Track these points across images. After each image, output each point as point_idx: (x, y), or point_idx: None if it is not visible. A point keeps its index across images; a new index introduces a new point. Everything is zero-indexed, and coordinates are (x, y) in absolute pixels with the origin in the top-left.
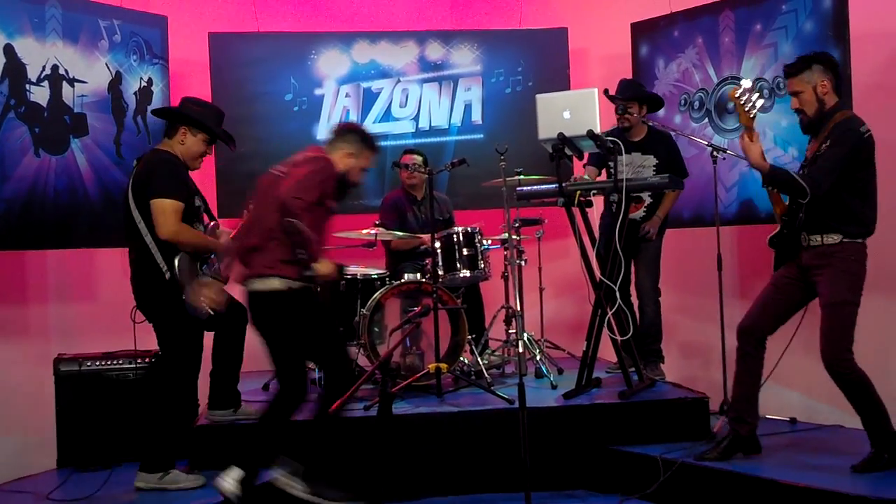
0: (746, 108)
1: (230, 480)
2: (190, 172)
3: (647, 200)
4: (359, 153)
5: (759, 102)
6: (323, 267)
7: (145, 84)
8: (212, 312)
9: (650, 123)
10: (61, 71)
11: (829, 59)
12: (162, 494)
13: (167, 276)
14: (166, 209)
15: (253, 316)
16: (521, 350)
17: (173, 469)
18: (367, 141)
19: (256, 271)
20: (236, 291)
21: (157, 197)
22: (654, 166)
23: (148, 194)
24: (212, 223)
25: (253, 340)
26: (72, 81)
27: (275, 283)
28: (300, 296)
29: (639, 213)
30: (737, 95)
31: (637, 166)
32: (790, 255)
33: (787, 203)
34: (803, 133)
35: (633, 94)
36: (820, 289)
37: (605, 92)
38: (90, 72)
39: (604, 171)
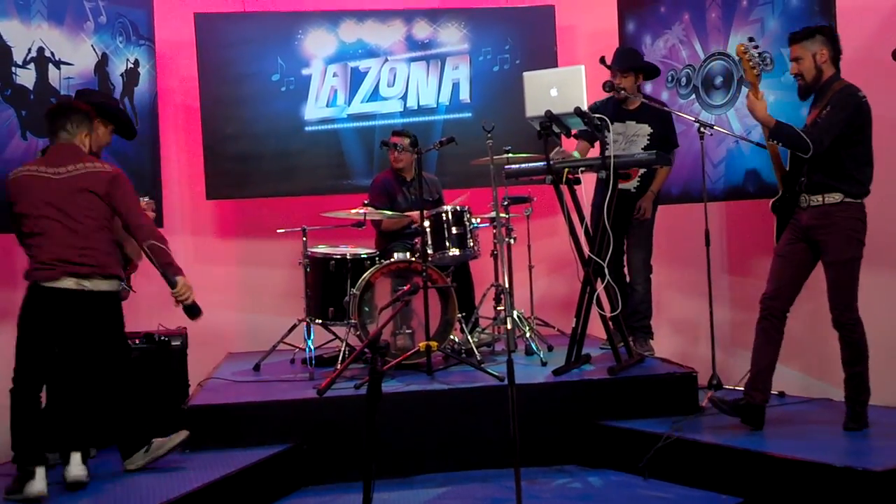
0: (751, 65)
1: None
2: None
3: (642, 170)
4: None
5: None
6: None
7: (132, 65)
8: (133, 291)
9: (645, 100)
10: (47, 53)
11: (831, 32)
12: (155, 468)
13: None
14: None
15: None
16: (509, 327)
17: (153, 439)
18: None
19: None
20: None
21: None
22: (648, 135)
23: None
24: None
25: (237, 321)
26: (58, 63)
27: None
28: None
29: (632, 184)
30: (743, 50)
31: (631, 135)
32: (789, 220)
33: (787, 168)
34: (800, 98)
35: (629, 65)
36: (826, 247)
37: (602, 60)
38: (76, 54)
39: (597, 144)
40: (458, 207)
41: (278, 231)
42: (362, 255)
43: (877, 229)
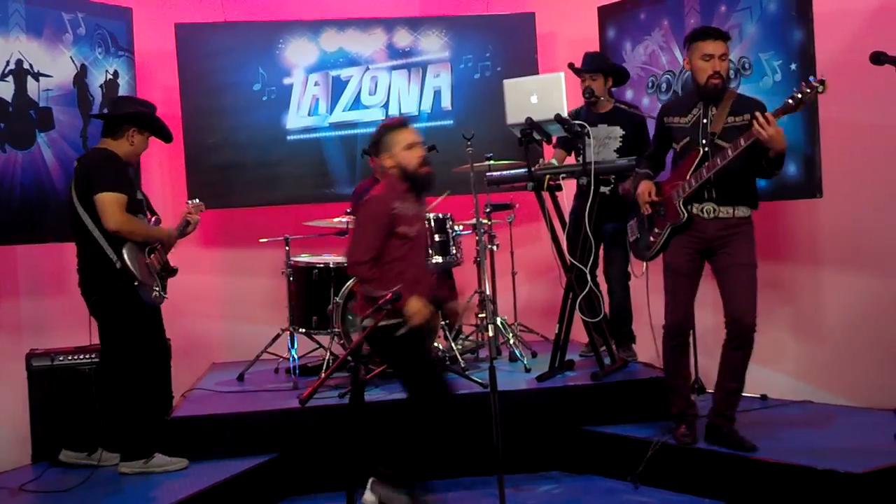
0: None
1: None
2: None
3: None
4: (391, 146)
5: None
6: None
7: (111, 77)
8: (166, 297)
9: (621, 105)
10: (26, 65)
11: None
12: (142, 479)
13: (118, 265)
14: (111, 202)
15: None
16: (491, 334)
17: (157, 453)
18: (387, 128)
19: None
20: None
21: (101, 191)
22: (620, 138)
23: (92, 190)
24: (154, 218)
25: (221, 330)
26: (36, 76)
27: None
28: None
29: (606, 188)
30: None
31: (603, 138)
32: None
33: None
34: (702, 97)
35: (597, 66)
36: (732, 252)
37: (570, 65)
38: (55, 66)
39: (574, 153)
40: (440, 215)
41: (261, 240)
42: (346, 264)
43: (871, 232)
